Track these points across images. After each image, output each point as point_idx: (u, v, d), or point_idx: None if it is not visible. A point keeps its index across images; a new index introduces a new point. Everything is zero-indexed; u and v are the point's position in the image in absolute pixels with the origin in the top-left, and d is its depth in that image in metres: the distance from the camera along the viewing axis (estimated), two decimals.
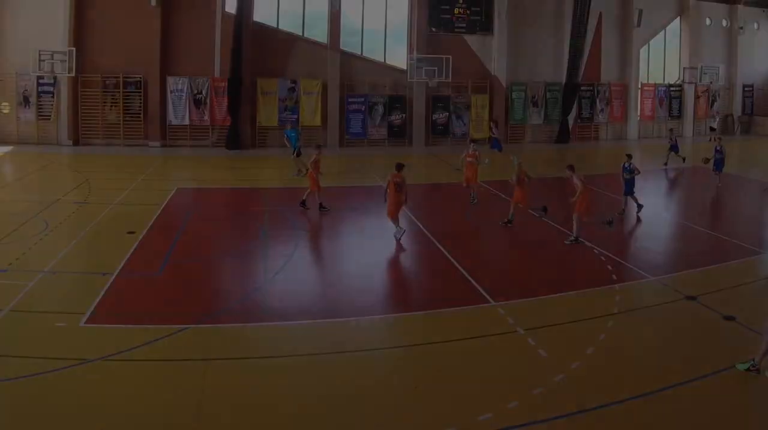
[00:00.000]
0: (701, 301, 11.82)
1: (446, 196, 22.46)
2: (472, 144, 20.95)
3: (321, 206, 18.79)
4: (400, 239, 15.61)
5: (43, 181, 23.51)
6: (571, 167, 16.01)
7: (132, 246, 15.01)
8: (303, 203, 19.02)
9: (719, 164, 23.57)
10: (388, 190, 15.77)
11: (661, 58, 38.72)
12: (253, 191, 21.85)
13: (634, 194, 18.84)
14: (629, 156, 18.86)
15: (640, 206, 18.91)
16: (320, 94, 32.86)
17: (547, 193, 20.81)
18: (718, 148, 23.63)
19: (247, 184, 24.46)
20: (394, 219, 15.78)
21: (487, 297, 11.90)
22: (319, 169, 19.11)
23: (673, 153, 28.25)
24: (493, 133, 30.53)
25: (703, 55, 38.19)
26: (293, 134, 25.08)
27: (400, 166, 15.84)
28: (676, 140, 28.75)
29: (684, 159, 28.35)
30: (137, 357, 9.45)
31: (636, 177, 18.75)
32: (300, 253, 15.23)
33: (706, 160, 23.90)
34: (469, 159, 20.10)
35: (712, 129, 38.26)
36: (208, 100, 32.06)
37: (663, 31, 38.10)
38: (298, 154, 24.57)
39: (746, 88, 41.43)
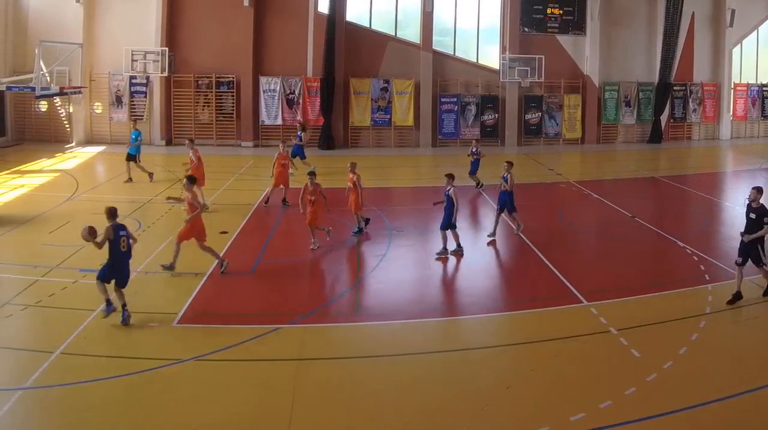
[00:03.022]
0: None
1: (538, 196, 20.20)
2: (350, 165, 15.48)
3: (266, 202, 17.81)
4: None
5: (136, 181, 20.73)
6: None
7: (225, 246, 13.89)
8: (284, 201, 17.92)
9: (505, 203, 14.89)
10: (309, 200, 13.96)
11: (754, 57, 34.25)
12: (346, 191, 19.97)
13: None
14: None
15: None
16: (413, 94, 29.17)
17: (635, 193, 19.84)
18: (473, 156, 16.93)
19: (340, 184, 22.03)
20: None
21: (580, 297, 11.12)
22: (284, 165, 17.85)
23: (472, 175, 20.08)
24: (299, 140, 23.12)
25: None
26: (133, 136, 20.80)
27: (311, 174, 14.19)
28: (478, 155, 19.83)
29: (479, 184, 20.15)
30: (230, 357, 8.87)
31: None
32: (393, 252, 13.81)
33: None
34: (349, 184, 15.23)
35: None
36: (300, 100, 28.51)
37: (755, 31, 33.65)
38: (135, 160, 20.61)
39: None
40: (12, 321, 10.00)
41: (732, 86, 32.84)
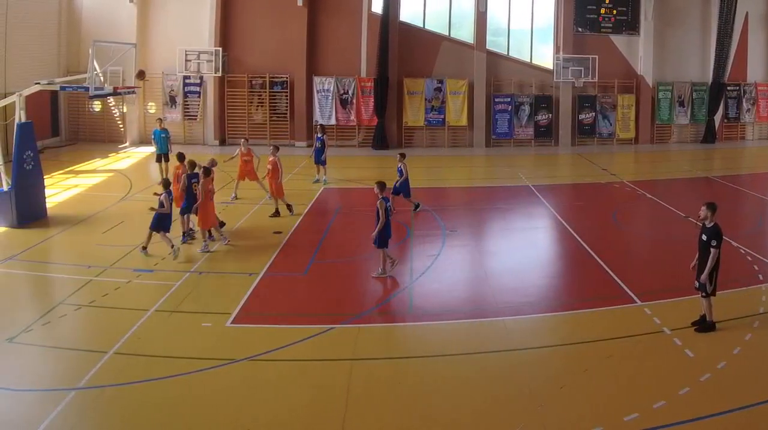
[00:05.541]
0: None
1: (592, 196, 18.87)
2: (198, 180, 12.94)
3: (291, 211, 15.65)
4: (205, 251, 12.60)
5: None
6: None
7: (278, 246, 13.05)
8: (289, 207, 15.61)
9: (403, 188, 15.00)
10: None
11: None
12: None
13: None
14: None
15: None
16: (466, 94, 26.40)
17: (688, 193, 18.80)
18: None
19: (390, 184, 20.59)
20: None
21: (634, 297, 10.27)
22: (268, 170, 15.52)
23: (405, 198, 15.70)
24: (320, 143, 19.18)
25: None
26: (163, 135, 18.57)
27: (207, 171, 12.76)
28: (404, 175, 15.53)
29: (417, 206, 15.92)
30: (283, 357, 8.30)
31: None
32: (446, 253, 12.81)
33: None
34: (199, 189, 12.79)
35: None
36: (354, 100, 25.84)
37: None
38: (167, 159, 18.02)
39: None
40: (66, 321, 9.39)
41: None
